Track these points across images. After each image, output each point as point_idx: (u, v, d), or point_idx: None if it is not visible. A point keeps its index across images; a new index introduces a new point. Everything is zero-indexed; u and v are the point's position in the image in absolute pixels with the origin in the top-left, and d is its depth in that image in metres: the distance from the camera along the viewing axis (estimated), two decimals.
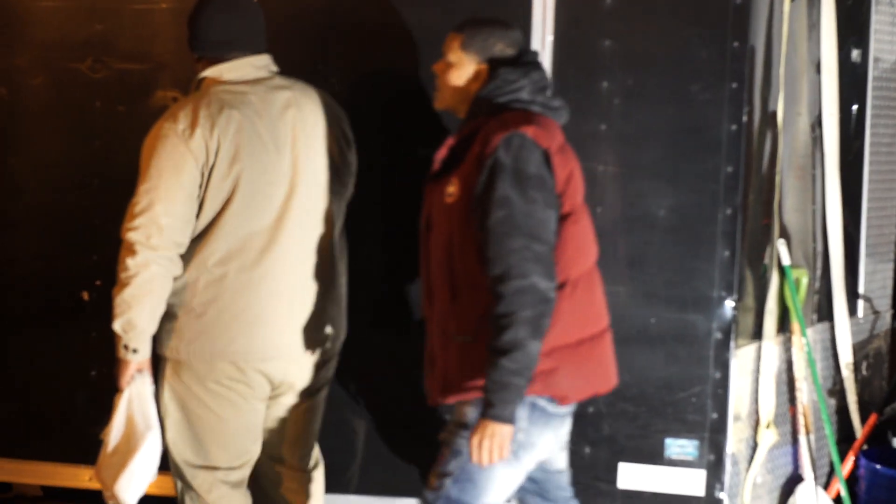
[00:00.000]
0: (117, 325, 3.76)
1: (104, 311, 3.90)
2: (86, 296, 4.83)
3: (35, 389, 4.95)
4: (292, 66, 4.11)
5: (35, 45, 4.91)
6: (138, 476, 3.81)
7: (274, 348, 3.85)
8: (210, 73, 3.90)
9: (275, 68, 4.00)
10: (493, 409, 3.38)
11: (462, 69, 3.70)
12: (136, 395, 3.80)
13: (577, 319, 3.58)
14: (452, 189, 3.54)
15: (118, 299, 3.74)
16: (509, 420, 3.39)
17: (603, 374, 3.71)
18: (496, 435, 3.38)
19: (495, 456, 3.40)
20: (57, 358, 4.91)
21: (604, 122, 4.43)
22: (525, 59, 3.69)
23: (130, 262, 3.71)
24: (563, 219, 3.54)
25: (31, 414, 4.97)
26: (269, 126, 3.83)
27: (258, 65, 3.94)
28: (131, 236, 3.73)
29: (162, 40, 4.79)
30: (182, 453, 3.91)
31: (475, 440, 3.40)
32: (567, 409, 3.64)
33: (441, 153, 3.67)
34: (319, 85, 4.12)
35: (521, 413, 3.49)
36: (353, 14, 4.60)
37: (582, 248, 3.63)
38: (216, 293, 3.78)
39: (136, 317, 3.75)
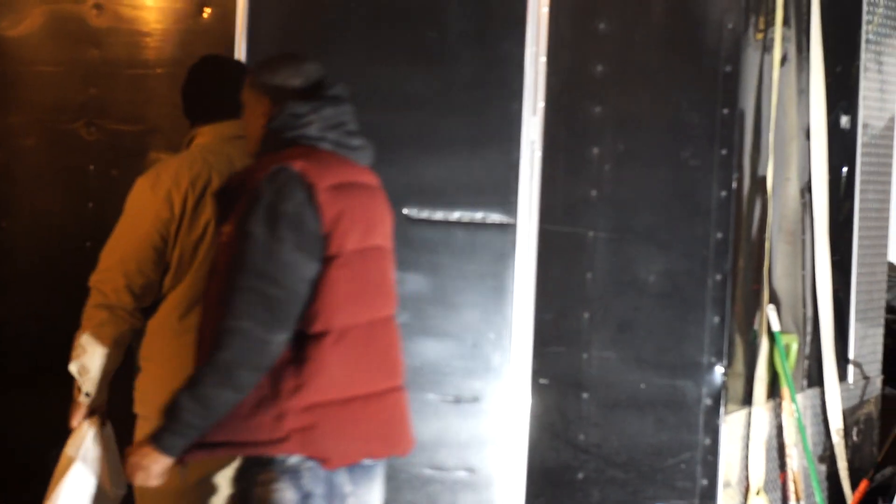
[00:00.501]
0: (73, 368, 3.84)
1: None
2: None
3: (27, 450, 4.94)
4: None
5: (30, 106, 4.94)
6: None
7: None
8: (195, 132, 3.96)
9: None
10: (158, 433, 3.17)
11: (252, 108, 3.46)
12: (79, 438, 3.87)
13: (346, 374, 3.21)
14: (228, 228, 3.28)
15: (76, 343, 3.83)
16: (167, 451, 3.16)
17: (384, 437, 3.30)
18: (150, 461, 3.18)
19: (140, 479, 3.21)
20: (48, 419, 4.90)
21: (594, 188, 4.45)
22: (320, 94, 3.39)
23: (90, 310, 3.80)
24: (327, 261, 3.20)
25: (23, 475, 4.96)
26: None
27: (236, 129, 3.90)
28: (94, 285, 3.81)
29: (156, 104, 4.82)
30: None
31: (133, 458, 3.20)
32: (345, 471, 3.23)
33: (218, 191, 3.45)
34: None
35: (287, 478, 3.16)
36: None
37: (357, 296, 3.25)
38: (177, 349, 3.78)
39: (89, 362, 3.82)
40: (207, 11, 4.75)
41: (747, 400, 4.59)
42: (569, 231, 4.47)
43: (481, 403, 4.46)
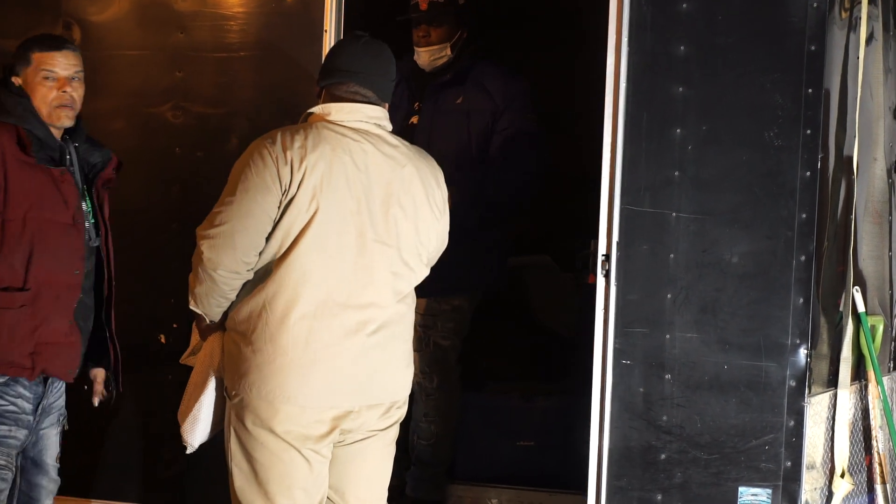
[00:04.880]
0: (192, 306, 3.93)
1: (181, 354, 3.98)
2: (163, 339, 4.90)
3: (114, 429, 5.02)
4: None
5: (117, 91, 5.01)
6: (201, 422, 3.94)
7: (339, 396, 3.86)
8: (317, 109, 3.91)
9: (388, 125, 3.96)
10: None
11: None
12: (208, 348, 3.95)
13: None
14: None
15: (193, 291, 3.88)
16: None
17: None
18: None
19: None
20: (136, 398, 4.98)
21: (677, 169, 4.44)
22: None
23: (201, 271, 3.82)
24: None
25: (107, 455, 5.04)
26: (359, 177, 3.83)
27: (370, 114, 3.91)
28: (204, 247, 3.80)
29: (240, 87, 4.87)
30: (248, 501, 3.92)
31: None
32: None
33: None
34: None
35: None
36: None
37: None
38: (276, 332, 3.81)
39: (206, 308, 3.89)
40: None
41: (832, 382, 4.56)
42: (652, 212, 4.46)
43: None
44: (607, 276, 4.47)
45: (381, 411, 3.94)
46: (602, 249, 4.49)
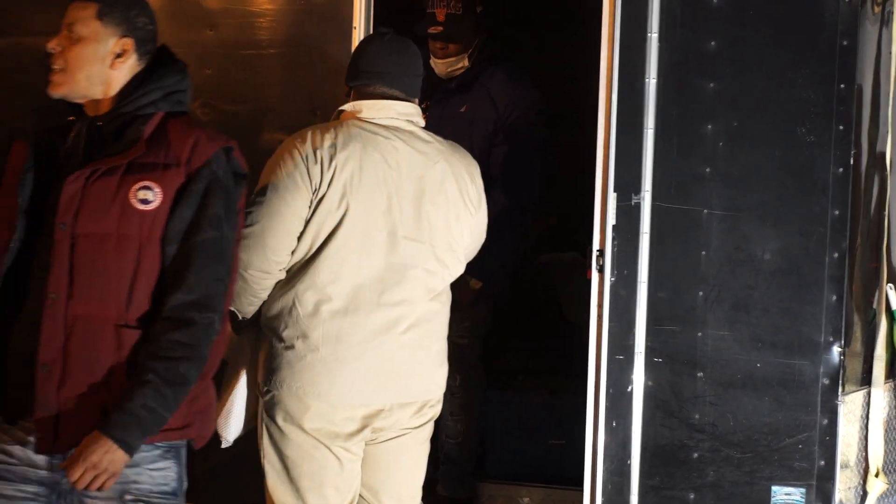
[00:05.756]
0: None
1: None
2: None
3: None
4: None
5: None
6: (235, 416, 3.95)
7: (370, 393, 3.85)
8: (348, 107, 3.90)
9: (420, 121, 3.95)
10: (126, 432, 3.05)
11: (99, 44, 3.23)
12: (241, 344, 3.97)
13: None
14: (151, 196, 3.16)
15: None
16: (131, 451, 3.07)
17: None
18: (113, 462, 3.05)
19: (98, 483, 3.05)
20: None
21: (708, 165, 4.41)
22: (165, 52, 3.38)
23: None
24: None
25: None
26: (390, 175, 3.82)
27: (400, 111, 3.89)
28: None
29: (269, 84, 4.87)
30: (280, 499, 3.92)
31: (92, 458, 3.02)
32: None
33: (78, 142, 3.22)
34: None
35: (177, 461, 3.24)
36: None
37: None
38: (307, 328, 3.80)
39: (239, 306, 3.86)
40: None
41: (866, 380, 4.52)
42: (683, 208, 4.43)
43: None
44: (601, 270, 4.43)
45: (414, 410, 3.94)
46: (596, 244, 4.45)
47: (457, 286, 4.10)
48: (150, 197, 3.15)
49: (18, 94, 5.05)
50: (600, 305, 4.44)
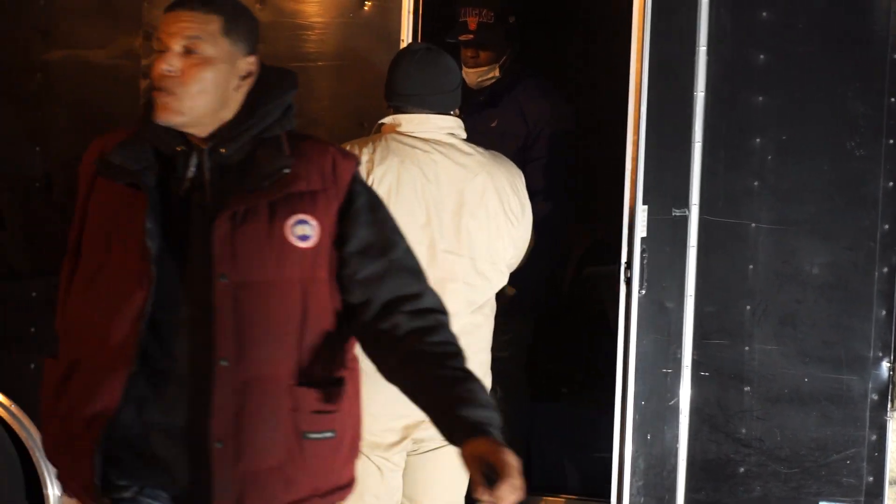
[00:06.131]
0: None
1: None
2: None
3: None
4: None
5: None
6: None
7: (409, 404, 3.85)
8: (387, 120, 3.93)
9: (462, 133, 3.96)
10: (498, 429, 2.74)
11: (227, 64, 2.75)
12: None
13: None
14: (308, 230, 2.77)
15: None
16: None
17: None
18: None
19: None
20: None
21: (756, 179, 4.40)
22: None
23: None
24: None
25: None
26: (429, 188, 3.83)
27: (440, 125, 3.91)
28: None
29: (317, 97, 4.89)
30: None
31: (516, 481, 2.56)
32: None
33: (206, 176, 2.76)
34: None
35: None
36: None
37: None
38: None
39: None
40: (369, 5, 4.80)
41: None
42: (730, 222, 4.42)
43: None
44: (629, 282, 4.41)
45: None
46: (623, 256, 4.42)
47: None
48: (308, 232, 2.75)
49: (72, 109, 5.10)
50: (627, 318, 4.42)
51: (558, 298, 5.77)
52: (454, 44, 5.32)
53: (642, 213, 4.35)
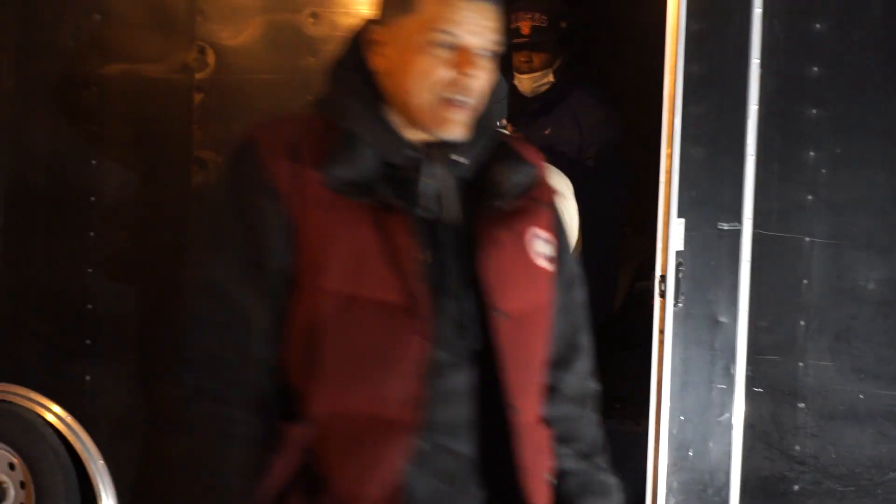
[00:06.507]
0: None
1: None
2: None
3: None
4: None
5: (250, 113, 5.07)
6: None
7: None
8: None
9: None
10: None
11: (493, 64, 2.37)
12: None
13: None
14: (549, 249, 2.44)
15: None
16: None
17: None
18: None
19: None
20: None
21: (810, 192, 4.35)
22: None
23: None
24: None
25: None
26: None
27: None
28: None
29: None
30: None
31: None
32: None
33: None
34: None
35: None
36: None
37: None
38: None
39: None
40: None
41: None
42: (784, 236, 4.37)
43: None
44: (663, 295, 4.36)
45: None
46: (658, 269, 4.36)
47: None
48: (549, 251, 2.40)
49: (127, 123, 5.15)
50: (661, 331, 4.37)
51: (611, 313, 5.73)
52: (506, 51, 5.32)
53: (677, 225, 4.32)
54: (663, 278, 4.31)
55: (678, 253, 4.30)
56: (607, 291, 5.52)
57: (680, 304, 4.31)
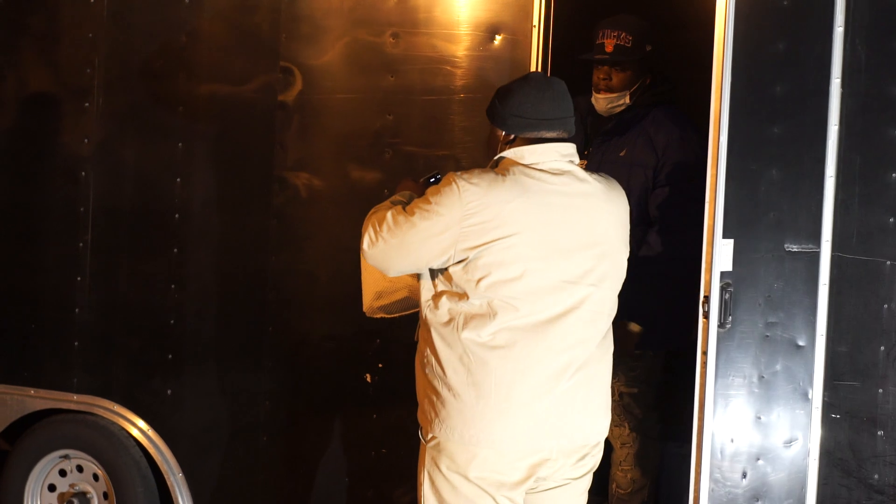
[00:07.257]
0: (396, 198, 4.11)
1: (385, 393, 4.02)
2: (369, 378, 4.96)
3: (322, 466, 5.10)
4: None
5: (331, 132, 5.12)
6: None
7: (538, 439, 3.83)
8: (509, 154, 3.90)
9: (577, 159, 3.95)
10: None
11: None
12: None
13: None
14: None
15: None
16: None
17: None
18: None
19: None
20: (341, 435, 5.06)
21: (892, 215, 4.25)
22: None
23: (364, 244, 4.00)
24: None
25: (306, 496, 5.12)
26: (552, 218, 3.81)
27: (563, 152, 3.89)
28: (367, 241, 3.97)
29: (449, 129, 4.91)
30: None
31: None
32: None
33: None
34: None
35: None
36: None
37: None
38: (478, 376, 3.79)
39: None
40: (499, 39, 4.80)
41: None
42: (865, 259, 4.28)
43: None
44: (707, 316, 4.28)
45: (577, 458, 3.90)
46: (702, 290, 4.28)
47: (619, 333, 4.04)
48: None
49: (211, 142, 5.22)
50: (705, 353, 4.29)
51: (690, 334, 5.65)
52: (587, 68, 5.31)
53: (723, 246, 4.24)
54: (707, 299, 4.24)
55: (726, 273, 4.23)
56: (687, 316, 5.45)
57: (729, 326, 4.24)
